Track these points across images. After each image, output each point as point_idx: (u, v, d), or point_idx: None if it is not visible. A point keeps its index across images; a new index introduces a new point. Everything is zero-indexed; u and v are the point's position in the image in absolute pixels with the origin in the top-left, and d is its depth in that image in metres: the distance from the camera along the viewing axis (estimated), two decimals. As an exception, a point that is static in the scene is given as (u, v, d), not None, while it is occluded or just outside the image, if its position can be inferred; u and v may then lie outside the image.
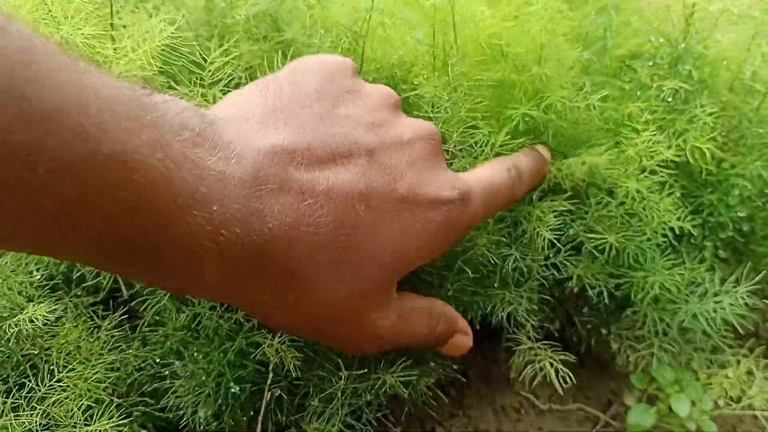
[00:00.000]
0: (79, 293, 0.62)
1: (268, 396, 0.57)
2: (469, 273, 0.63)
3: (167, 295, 0.57)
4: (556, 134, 0.66)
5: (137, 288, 0.61)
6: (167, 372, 0.57)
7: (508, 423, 0.76)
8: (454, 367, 0.71)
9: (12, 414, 0.49)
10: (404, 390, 0.61)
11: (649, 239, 0.66)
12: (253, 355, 0.56)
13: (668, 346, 0.69)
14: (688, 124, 0.69)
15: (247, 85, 0.48)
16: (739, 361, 0.72)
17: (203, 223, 0.35)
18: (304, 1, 0.77)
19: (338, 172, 0.42)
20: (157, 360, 0.57)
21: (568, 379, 0.62)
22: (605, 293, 0.67)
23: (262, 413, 0.57)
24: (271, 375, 0.58)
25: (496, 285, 0.65)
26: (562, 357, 0.63)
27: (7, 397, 0.50)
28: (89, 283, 0.62)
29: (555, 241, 0.63)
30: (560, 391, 0.58)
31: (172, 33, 0.55)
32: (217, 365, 0.56)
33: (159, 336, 0.58)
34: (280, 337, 0.55)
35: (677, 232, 0.66)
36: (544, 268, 0.66)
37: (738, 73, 0.75)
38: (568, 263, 0.67)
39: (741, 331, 0.69)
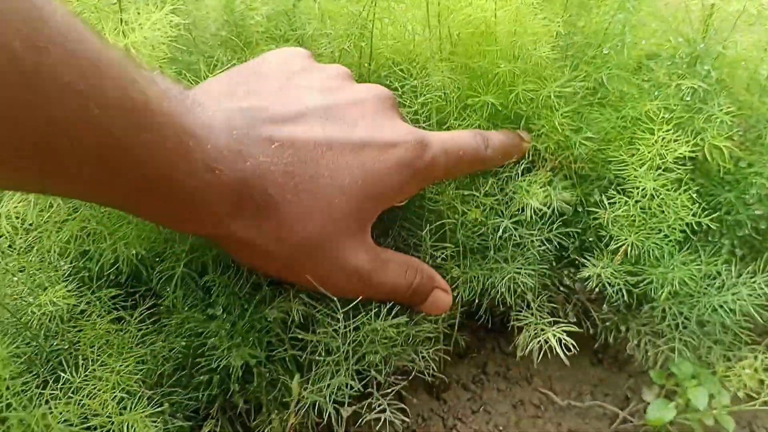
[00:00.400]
0: (101, 286, 0.63)
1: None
2: (466, 246, 0.67)
3: (178, 281, 0.60)
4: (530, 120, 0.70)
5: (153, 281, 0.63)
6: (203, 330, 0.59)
7: (527, 419, 0.77)
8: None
9: (48, 404, 0.50)
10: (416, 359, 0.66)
11: (666, 236, 0.67)
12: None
13: (688, 339, 0.70)
14: (706, 123, 0.70)
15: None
16: (756, 357, 0.72)
17: (201, 157, 0.44)
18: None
19: (297, 126, 0.50)
20: (183, 344, 0.58)
21: (572, 347, 0.63)
22: (623, 291, 0.68)
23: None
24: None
25: (493, 255, 0.68)
26: (565, 329, 0.64)
27: (44, 389, 0.51)
28: (109, 277, 0.63)
29: (543, 209, 0.66)
30: (565, 361, 0.59)
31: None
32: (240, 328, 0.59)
33: (176, 322, 0.60)
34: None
35: (695, 227, 0.67)
36: (539, 241, 0.69)
37: (755, 73, 0.76)
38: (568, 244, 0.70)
39: (761, 320, 0.69)
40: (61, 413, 0.49)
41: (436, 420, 0.75)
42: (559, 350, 0.61)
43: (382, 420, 0.61)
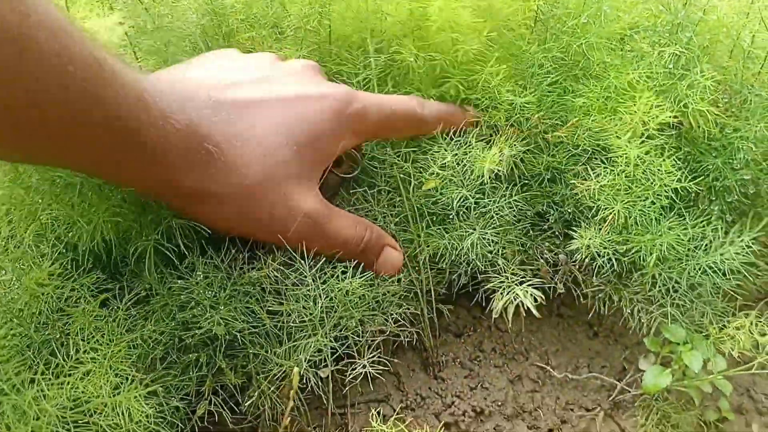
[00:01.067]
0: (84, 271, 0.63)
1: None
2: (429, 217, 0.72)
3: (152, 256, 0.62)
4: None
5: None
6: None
7: (525, 394, 0.77)
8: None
9: (39, 387, 0.50)
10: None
11: (653, 203, 0.67)
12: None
13: (680, 302, 0.70)
14: (689, 89, 0.70)
15: None
16: (747, 315, 0.72)
17: (157, 109, 0.51)
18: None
19: (236, 90, 0.59)
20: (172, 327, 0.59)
21: (539, 300, 0.63)
22: (613, 260, 0.68)
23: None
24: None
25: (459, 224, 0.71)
26: (536, 285, 0.65)
27: (35, 375, 0.51)
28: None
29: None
30: (536, 313, 0.60)
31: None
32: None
33: (161, 303, 0.61)
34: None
35: (680, 193, 0.67)
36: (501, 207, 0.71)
37: (738, 39, 0.76)
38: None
39: (753, 284, 0.70)
40: (54, 396, 0.49)
41: (435, 398, 0.75)
42: (533, 309, 0.61)
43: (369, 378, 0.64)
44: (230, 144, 0.55)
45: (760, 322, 0.71)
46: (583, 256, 0.69)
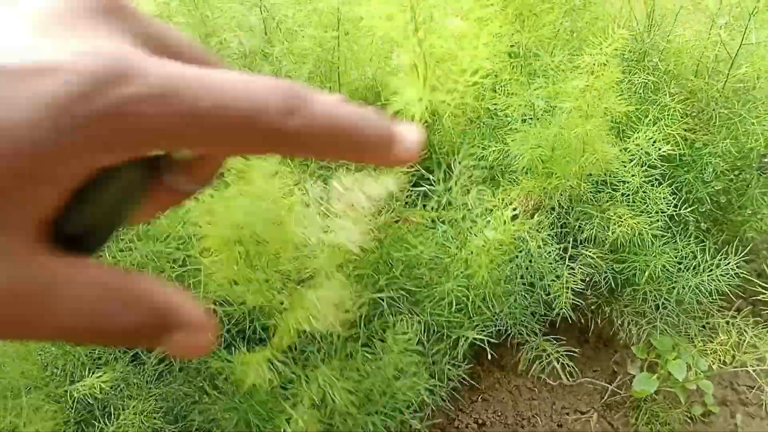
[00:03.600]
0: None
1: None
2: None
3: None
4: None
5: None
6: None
7: (523, 402, 0.82)
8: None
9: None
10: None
11: (648, 225, 0.72)
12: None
13: (667, 318, 0.76)
14: (660, 112, 0.75)
15: None
16: (728, 322, 0.78)
17: None
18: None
19: None
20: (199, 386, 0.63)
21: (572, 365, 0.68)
22: (610, 277, 0.74)
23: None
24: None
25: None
26: (566, 348, 0.69)
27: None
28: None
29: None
30: (566, 380, 0.64)
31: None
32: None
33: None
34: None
35: (666, 210, 0.73)
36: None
37: (701, 58, 0.81)
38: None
39: (733, 298, 0.75)
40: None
41: (439, 414, 0.80)
42: (564, 378, 0.66)
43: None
44: None
45: (737, 322, 0.77)
46: (582, 275, 0.74)
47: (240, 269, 0.60)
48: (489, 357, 0.86)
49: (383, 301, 0.65)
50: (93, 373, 0.62)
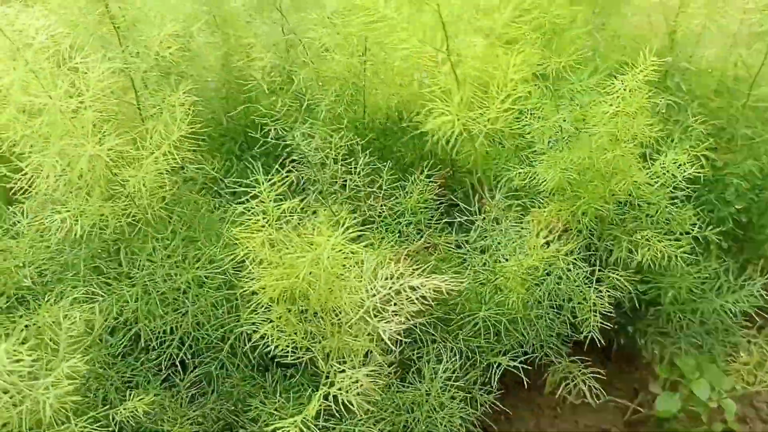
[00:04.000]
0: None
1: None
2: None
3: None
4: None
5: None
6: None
7: (546, 420, 0.83)
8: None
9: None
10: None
11: (676, 248, 0.72)
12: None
13: (691, 339, 0.76)
14: (682, 133, 0.76)
15: None
16: (749, 341, 0.78)
17: None
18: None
19: None
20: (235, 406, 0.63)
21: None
22: (634, 297, 0.74)
23: None
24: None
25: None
26: (591, 370, 0.69)
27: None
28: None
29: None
30: (593, 404, 0.65)
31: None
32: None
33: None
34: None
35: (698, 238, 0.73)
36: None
37: (722, 78, 0.82)
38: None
39: (755, 317, 0.76)
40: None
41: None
42: (591, 401, 0.66)
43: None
44: None
45: (759, 341, 0.77)
46: (607, 295, 0.74)
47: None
48: (511, 376, 0.87)
49: (416, 327, 0.65)
50: (125, 396, 0.62)
